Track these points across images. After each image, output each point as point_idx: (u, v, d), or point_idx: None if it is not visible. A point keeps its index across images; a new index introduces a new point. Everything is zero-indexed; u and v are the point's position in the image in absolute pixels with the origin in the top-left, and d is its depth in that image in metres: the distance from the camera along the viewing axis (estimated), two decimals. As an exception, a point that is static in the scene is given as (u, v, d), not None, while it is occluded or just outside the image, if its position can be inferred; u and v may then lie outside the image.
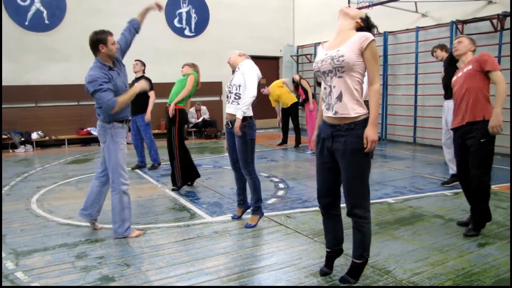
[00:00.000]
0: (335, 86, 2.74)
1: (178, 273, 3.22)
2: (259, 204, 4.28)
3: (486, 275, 3.10)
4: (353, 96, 2.72)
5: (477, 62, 3.80)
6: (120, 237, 3.96)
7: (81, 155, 9.18)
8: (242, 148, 4.11)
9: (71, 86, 10.62)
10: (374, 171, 6.94)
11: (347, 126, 2.73)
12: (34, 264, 3.40)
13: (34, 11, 10.23)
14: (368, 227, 2.88)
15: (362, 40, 2.67)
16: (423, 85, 9.74)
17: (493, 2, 8.22)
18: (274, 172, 6.96)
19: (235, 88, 4.17)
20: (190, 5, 12.22)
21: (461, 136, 3.90)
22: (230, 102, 4.21)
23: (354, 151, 2.72)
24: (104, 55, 3.84)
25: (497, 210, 4.64)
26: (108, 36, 3.85)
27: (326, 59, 2.76)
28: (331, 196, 2.97)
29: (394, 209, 4.78)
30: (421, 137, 9.92)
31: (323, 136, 2.88)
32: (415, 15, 9.68)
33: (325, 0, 12.09)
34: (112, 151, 3.88)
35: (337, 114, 2.75)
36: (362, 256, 2.92)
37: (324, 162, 2.92)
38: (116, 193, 3.94)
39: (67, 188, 6.03)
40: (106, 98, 3.71)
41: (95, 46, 3.84)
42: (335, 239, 3.08)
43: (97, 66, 3.82)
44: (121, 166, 3.92)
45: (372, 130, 2.68)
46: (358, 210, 2.83)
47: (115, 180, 3.93)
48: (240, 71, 4.16)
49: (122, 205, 3.96)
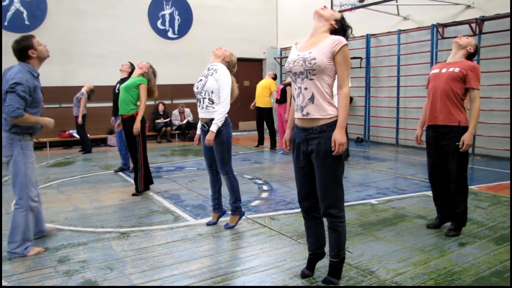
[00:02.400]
0: (306, 88, 2.76)
1: (162, 276, 3.20)
2: (238, 204, 4.25)
3: (467, 273, 3.16)
4: (324, 97, 2.74)
5: (466, 71, 3.74)
6: (18, 256, 3.56)
7: (63, 158, 9.05)
8: (218, 148, 4.05)
9: (52, 88, 10.46)
10: (357, 172, 7.01)
11: (319, 128, 2.75)
12: (14, 269, 3.34)
13: (13, 11, 10.07)
14: (343, 226, 2.91)
15: (334, 44, 2.69)
16: (405, 87, 9.88)
17: (472, 7, 8.40)
18: (258, 174, 6.97)
19: (208, 94, 4.02)
20: (173, 7, 12.17)
21: (435, 137, 3.95)
22: (204, 108, 4.07)
23: (327, 152, 2.74)
24: (35, 60, 3.61)
25: (477, 210, 4.72)
26: (32, 39, 3.59)
27: (298, 60, 2.77)
28: (311, 199, 2.99)
29: (377, 210, 4.83)
30: (403, 139, 10.04)
31: (298, 141, 2.90)
32: (397, 18, 9.81)
33: (309, 3, 12.08)
34: (21, 165, 3.54)
35: (309, 116, 2.76)
36: (338, 255, 2.95)
37: (301, 167, 2.95)
38: (22, 211, 3.56)
39: (49, 192, 5.94)
40: (16, 105, 3.38)
41: (24, 54, 3.55)
42: (317, 243, 3.10)
43: (26, 71, 3.52)
44: (31, 181, 3.60)
45: (340, 133, 2.69)
46: (333, 210, 2.85)
47: (23, 196, 3.56)
48: (215, 77, 4.02)
49: (27, 224, 3.60)
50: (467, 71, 3.75)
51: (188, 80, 12.42)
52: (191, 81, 12.29)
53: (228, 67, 4.17)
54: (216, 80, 4.01)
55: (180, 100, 12.34)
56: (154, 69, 5.86)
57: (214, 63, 4.15)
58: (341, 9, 9.17)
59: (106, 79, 9.31)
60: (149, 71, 5.76)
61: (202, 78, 4.10)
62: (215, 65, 4.12)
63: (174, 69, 11.72)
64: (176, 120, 11.91)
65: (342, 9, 9.14)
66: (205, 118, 4.10)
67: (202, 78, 4.11)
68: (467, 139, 3.74)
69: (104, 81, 9.93)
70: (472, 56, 3.93)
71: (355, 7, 9.08)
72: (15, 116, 3.39)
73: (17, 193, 3.57)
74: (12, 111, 3.37)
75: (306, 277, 3.09)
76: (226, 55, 4.19)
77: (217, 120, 3.97)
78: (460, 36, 4.01)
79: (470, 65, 3.80)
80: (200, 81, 4.11)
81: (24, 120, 3.47)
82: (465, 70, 3.76)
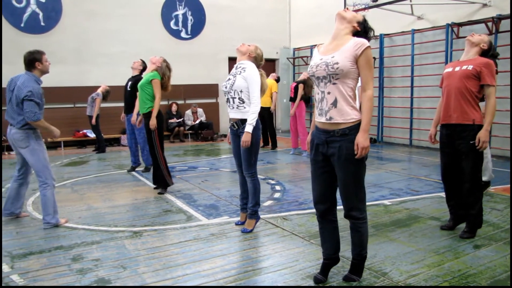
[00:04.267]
0: (329, 92, 2.74)
1: (175, 275, 3.21)
2: (257, 208, 4.22)
3: (482, 276, 3.11)
4: (347, 102, 2.72)
5: (480, 68, 3.71)
6: (52, 225, 4.33)
7: (77, 157, 9.15)
8: (246, 149, 3.99)
9: (67, 89, 10.61)
10: (370, 173, 6.96)
11: (341, 131, 2.73)
12: (29, 266, 3.39)
13: (29, 13, 10.20)
14: (365, 227, 2.91)
15: (357, 47, 2.67)
16: (419, 87, 9.78)
17: (488, 5, 8.27)
18: (270, 174, 6.96)
19: (237, 94, 3.98)
20: (186, 7, 12.22)
21: (450, 135, 3.91)
22: (235, 107, 4.01)
23: (349, 156, 2.72)
24: (39, 71, 4.30)
25: (493, 212, 4.66)
26: (42, 55, 4.30)
27: (321, 64, 2.75)
28: (328, 202, 2.96)
29: (390, 211, 4.79)
30: (417, 139, 9.94)
31: (317, 142, 2.88)
32: (411, 17, 9.72)
33: (321, 3, 12.13)
34: (39, 152, 4.33)
35: (332, 120, 2.75)
36: (360, 254, 2.96)
37: (319, 168, 2.92)
38: (50, 188, 4.35)
39: (63, 191, 6.00)
40: (35, 110, 4.15)
41: (31, 64, 4.26)
42: (332, 248, 3.05)
43: (34, 80, 4.24)
44: (48, 163, 4.41)
45: (363, 137, 2.68)
46: (355, 212, 2.85)
47: (47, 176, 4.35)
48: (243, 75, 3.96)
49: (54, 198, 4.39)
50: (481, 68, 3.71)
51: (201, 80, 12.51)
52: (204, 81, 12.55)
53: (256, 62, 4.11)
54: (244, 78, 3.96)
55: (193, 100, 12.38)
56: (168, 63, 5.80)
57: (242, 61, 4.09)
58: (354, 8, 9.11)
59: (119, 79, 9.36)
60: (162, 65, 5.72)
61: (230, 77, 4.06)
62: (242, 63, 4.07)
63: (187, 69, 11.75)
64: (189, 120, 11.95)
65: (355, 9, 9.08)
66: (235, 118, 4.06)
67: (231, 77, 4.06)
68: (482, 136, 3.68)
69: (117, 81, 10.00)
70: (486, 53, 3.87)
71: (369, 7, 9.01)
72: (35, 119, 4.18)
73: (41, 175, 4.33)
74: (33, 115, 4.15)
75: (319, 282, 3.04)
76: (251, 51, 4.12)
77: (251, 120, 3.91)
78: (472, 33, 3.97)
79: (484, 62, 3.75)
80: (229, 80, 4.06)
81: (40, 124, 4.26)
82: (479, 67, 3.72)
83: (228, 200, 5.34)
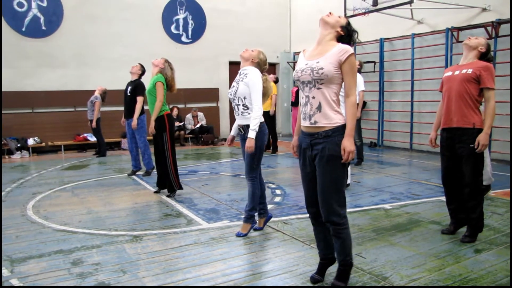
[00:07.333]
0: (314, 97, 2.77)
1: (175, 279, 3.20)
2: (253, 213, 4.20)
3: (483, 281, 3.10)
4: (331, 106, 2.76)
5: (480, 71, 3.71)
6: None
7: (77, 161, 9.15)
8: (249, 153, 3.99)
9: (68, 92, 10.64)
10: (370, 177, 6.96)
11: (325, 133, 2.76)
12: (29, 270, 3.38)
13: (31, 17, 10.24)
14: (346, 232, 2.88)
15: (341, 54, 2.70)
16: (419, 92, 9.79)
17: (487, 10, 8.30)
18: (270, 178, 6.96)
19: (241, 100, 3.98)
20: (187, 12, 12.26)
21: (450, 139, 3.90)
22: (240, 114, 4.04)
23: (331, 157, 2.74)
24: None
25: (494, 216, 4.65)
26: None
27: (306, 69, 2.79)
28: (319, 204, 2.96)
29: (390, 215, 4.78)
30: (417, 143, 9.94)
31: (304, 146, 2.91)
32: (411, 22, 9.74)
33: (321, 7, 12.12)
34: None
35: (317, 124, 2.78)
36: (345, 261, 2.94)
37: (308, 172, 2.94)
38: None
39: (63, 195, 6.00)
40: None
41: None
42: (327, 248, 3.08)
43: None
44: None
45: (349, 141, 2.70)
46: (334, 217, 2.82)
47: None
48: (245, 81, 3.96)
49: None
50: (480, 72, 3.71)
51: (201, 85, 12.53)
52: (204, 85, 12.57)
53: (259, 67, 4.10)
54: (246, 84, 3.96)
55: (193, 104, 12.40)
56: (170, 63, 5.82)
57: (245, 67, 4.09)
58: (355, 13, 9.15)
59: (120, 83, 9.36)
60: (165, 66, 5.75)
61: (234, 84, 4.06)
62: (245, 69, 4.07)
63: (188, 73, 11.77)
64: (190, 124, 11.97)
65: (355, 13, 9.12)
66: (241, 125, 4.08)
67: (234, 84, 4.07)
68: (482, 139, 3.68)
69: (118, 85, 9.99)
70: (484, 55, 3.88)
71: (369, 11, 9.04)
72: None
73: None
74: None
75: (316, 282, 3.07)
76: (253, 56, 4.10)
77: (253, 125, 3.90)
78: (469, 37, 3.97)
79: (483, 65, 3.76)
80: (233, 88, 4.07)
81: None
82: (479, 70, 3.72)
83: (229, 204, 5.33)
